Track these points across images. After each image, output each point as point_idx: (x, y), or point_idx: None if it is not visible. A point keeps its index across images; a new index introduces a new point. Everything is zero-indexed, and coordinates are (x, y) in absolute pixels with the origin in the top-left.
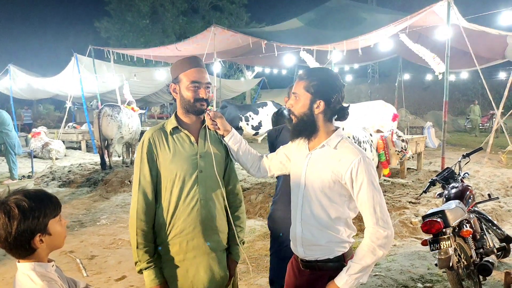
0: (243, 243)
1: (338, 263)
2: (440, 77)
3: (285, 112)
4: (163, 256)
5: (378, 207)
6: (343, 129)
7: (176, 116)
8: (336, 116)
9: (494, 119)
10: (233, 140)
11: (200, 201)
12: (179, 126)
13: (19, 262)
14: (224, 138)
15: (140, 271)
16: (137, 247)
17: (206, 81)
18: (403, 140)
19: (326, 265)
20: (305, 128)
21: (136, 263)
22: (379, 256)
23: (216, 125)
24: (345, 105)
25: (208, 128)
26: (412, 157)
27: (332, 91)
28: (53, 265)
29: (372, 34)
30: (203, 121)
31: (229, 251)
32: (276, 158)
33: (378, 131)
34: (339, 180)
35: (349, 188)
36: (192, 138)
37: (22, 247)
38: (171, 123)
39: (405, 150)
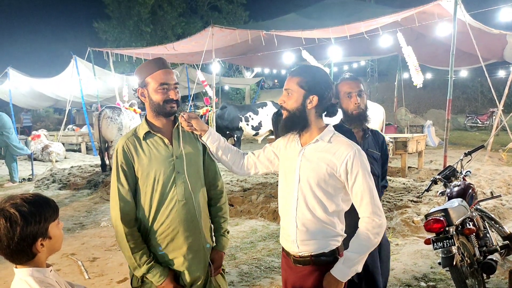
0: (228, 232)
1: (332, 257)
2: (418, 86)
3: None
4: None
5: (373, 197)
6: None
7: (146, 120)
8: (325, 113)
9: (494, 117)
10: (211, 139)
11: (178, 202)
12: (151, 131)
13: (16, 267)
14: (202, 138)
15: (143, 277)
16: (132, 252)
17: (174, 82)
18: None
19: (320, 259)
20: (297, 122)
21: (135, 269)
22: (374, 244)
23: (192, 126)
24: (334, 102)
25: (182, 128)
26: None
27: (324, 87)
28: (51, 270)
29: (374, 20)
30: (175, 121)
31: (215, 243)
32: (263, 155)
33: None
34: (334, 173)
35: (343, 180)
36: (166, 141)
37: (24, 253)
38: (142, 128)
39: None
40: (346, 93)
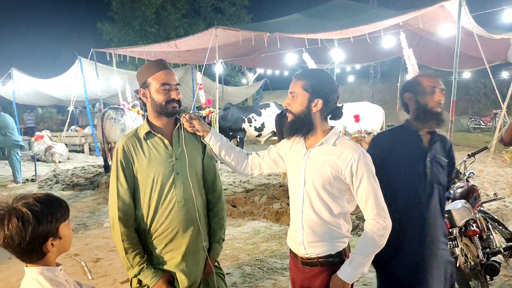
0: (223, 240)
1: (339, 258)
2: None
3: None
4: None
5: (378, 199)
6: None
7: (147, 121)
8: (330, 115)
9: (497, 118)
10: (213, 140)
11: (177, 203)
12: (152, 131)
13: (26, 266)
14: (204, 139)
15: (135, 277)
16: (126, 253)
17: (175, 83)
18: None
19: (327, 261)
20: (302, 126)
21: (128, 269)
22: (379, 246)
23: (194, 127)
24: (339, 105)
25: (184, 130)
26: None
27: (329, 91)
28: (61, 269)
29: (379, 23)
30: (176, 123)
31: (208, 248)
32: (268, 156)
33: (366, 132)
34: (339, 176)
35: (348, 183)
36: (166, 141)
37: (34, 252)
38: (143, 129)
39: None
40: (429, 87)
